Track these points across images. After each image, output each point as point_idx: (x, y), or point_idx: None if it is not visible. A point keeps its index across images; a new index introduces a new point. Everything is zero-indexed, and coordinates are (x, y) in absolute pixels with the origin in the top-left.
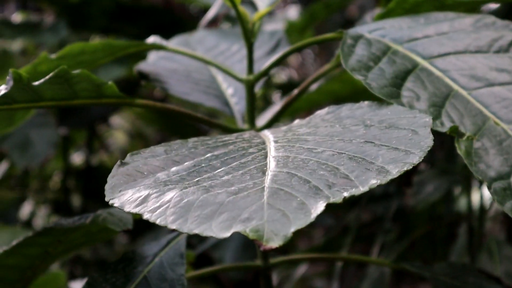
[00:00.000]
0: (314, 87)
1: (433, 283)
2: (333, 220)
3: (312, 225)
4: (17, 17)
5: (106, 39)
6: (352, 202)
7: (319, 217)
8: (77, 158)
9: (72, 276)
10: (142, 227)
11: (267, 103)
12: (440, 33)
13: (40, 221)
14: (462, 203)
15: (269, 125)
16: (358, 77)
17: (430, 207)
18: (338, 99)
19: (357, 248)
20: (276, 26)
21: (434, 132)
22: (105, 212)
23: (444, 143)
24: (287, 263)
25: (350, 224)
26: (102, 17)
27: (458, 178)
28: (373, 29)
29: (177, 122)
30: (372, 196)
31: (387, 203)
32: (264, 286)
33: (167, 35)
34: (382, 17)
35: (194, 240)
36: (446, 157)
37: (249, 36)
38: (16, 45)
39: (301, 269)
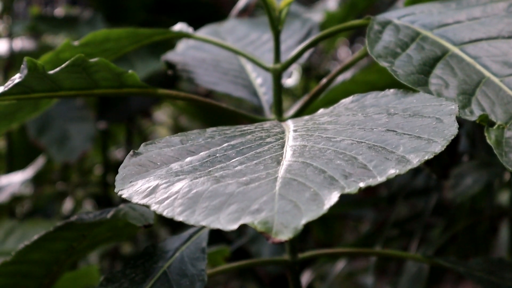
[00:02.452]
0: (349, 76)
1: (469, 278)
2: (378, 215)
3: (359, 219)
4: (60, 12)
5: None
6: (392, 195)
7: (365, 211)
8: (118, 154)
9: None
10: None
11: None
12: (471, 18)
13: None
14: (505, 197)
15: (296, 115)
16: (383, 64)
17: (471, 201)
18: (376, 90)
19: (399, 242)
20: (315, 17)
21: (475, 123)
22: (127, 207)
23: None
24: (316, 258)
25: (388, 219)
26: (140, 10)
27: (499, 171)
28: (403, 14)
29: (220, 116)
30: (414, 190)
31: (427, 197)
32: (292, 281)
33: None
34: (412, 2)
35: (232, 235)
36: (487, 148)
37: (276, 24)
38: (60, 39)
39: (341, 265)
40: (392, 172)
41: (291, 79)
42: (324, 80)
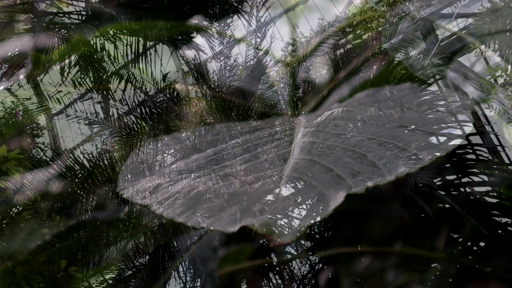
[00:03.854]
0: (376, 72)
1: (493, 278)
2: (406, 211)
3: (387, 216)
4: (84, 7)
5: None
6: (421, 192)
7: (393, 207)
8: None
9: None
10: None
11: None
12: None
13: None
14: None
15: (313, 110)
16: (398, 57)
17: (500, 198)
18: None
19: (429, 239)
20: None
21: None
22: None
23: None
24: (342, 255)
25: (417, 216)
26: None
27: None
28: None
29: (247, 112)
30: (441, 187)
31: (455, 194)
32: (312, 279)
33: None
34: None
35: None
36: None
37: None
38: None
39: (367, 261)
40: (402, 170)
41: (319, 75)
42: (342, 75)
